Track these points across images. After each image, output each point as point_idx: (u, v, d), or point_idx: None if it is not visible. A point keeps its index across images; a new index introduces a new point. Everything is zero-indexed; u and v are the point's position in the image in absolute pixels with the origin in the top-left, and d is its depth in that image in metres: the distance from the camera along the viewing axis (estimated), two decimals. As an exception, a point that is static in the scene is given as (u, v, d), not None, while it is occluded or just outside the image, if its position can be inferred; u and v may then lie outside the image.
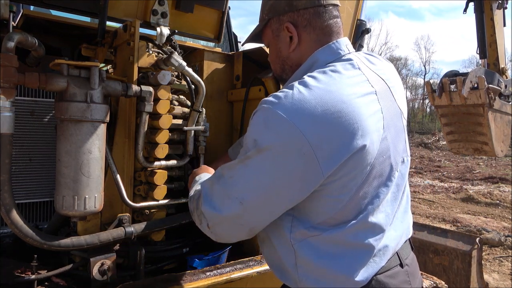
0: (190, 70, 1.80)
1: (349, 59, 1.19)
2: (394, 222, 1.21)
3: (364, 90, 1.11)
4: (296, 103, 1.02)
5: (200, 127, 1.94)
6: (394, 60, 47.10)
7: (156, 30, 1.83)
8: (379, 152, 1.09)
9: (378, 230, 1.13)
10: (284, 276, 1.20)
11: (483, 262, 4.25)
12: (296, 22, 1.23)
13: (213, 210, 1.13)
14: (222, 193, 1.12)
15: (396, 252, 1.21)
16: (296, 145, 1.00)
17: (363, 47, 2.66)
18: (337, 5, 1.26)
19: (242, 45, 1.61)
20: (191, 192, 1.34)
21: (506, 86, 3.72)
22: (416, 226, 3.93)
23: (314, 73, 1.11)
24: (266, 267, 1.91)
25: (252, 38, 1.42)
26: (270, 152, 1.03)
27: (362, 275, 1.10)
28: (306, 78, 1.09)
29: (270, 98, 1.07)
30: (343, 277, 1.09)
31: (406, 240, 1.28)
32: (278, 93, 1.07)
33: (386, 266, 1.15)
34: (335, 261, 1.10)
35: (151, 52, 1.81)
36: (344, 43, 1.23)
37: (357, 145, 1.02)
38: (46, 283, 1.57)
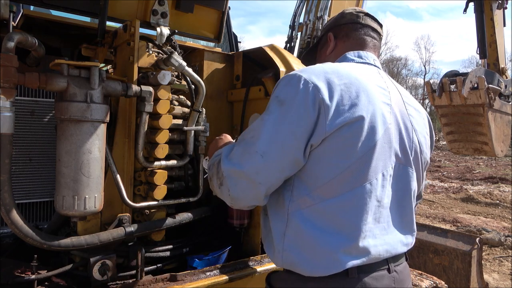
0: (190, 70, 1.80)
1: (371, 64, 1.41)
2: (390, 229, 1.25)
3: (378, 83, 1.29)
4: (317, 70, 1.23)
5: (200, 127, 1.94)
6: (394, 60, 47.11)
7: (156, 30, 1.83)
8: (383, 136, 1.19)
9: (371, 217, 1.19)
10: (269, 246, 1.27)
11: (483, 262, 4.25)
12: (337, 34, 1.52)
13: (234, 166, 1.21)
14: (242, 151, 1.22)
15: (386, 259, 1.23)
16: (312, 99, 1.15)
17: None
18: (376, 30, 1.50)
19: (303, 59, 1.92)
20: (211, 160, 1.38)
21: (506, 86, 3.73)
22: (416, 226, 3.92)
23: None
24: (266, 267, 1.92)
25: (309, 53, 1.72)
26: (287, 104, 1.18)
27: (343, 258, 1.14)
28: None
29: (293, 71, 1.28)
30: (325, 252, 1.14)
31: (402, 252, 1.31)
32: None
33: (371, 267, 1.19)
34: (322, 235, 1.15)
35: (151, 52, 1.81)
36: (372, 57, 1.44)
37: (361, 113, 1.15)
38: (46, 283, 1.57)
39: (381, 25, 1.53)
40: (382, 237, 1.22)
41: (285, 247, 1.20)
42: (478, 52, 3.85)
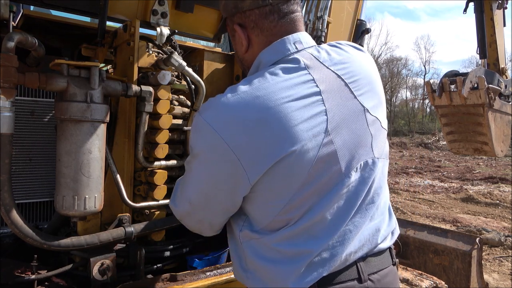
0: (190, 70, 1.80)
1: (294, 59, 1.11)
2: (353, 231, 1.11)
3: (304, 92, 1.05)
4: (221, 111, 1.04)
5: (200, 127, 1.94)
6: (394, 60, 47.12)
7: (156, 30, 1.83)
8: (319, 158, 1.04)
9: (319, 237, 1.08)
10: (237, 273, 1.22)
11: (483, 262, 4.25)
12: (244, 23, 1.17)
13: (175, 206, 1.23)
14: (180, 194, 1.21)
15: (356, 264, 1.11)
16: (220, 152, 1.02)
17: (363, 46, 2.66)
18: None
19: (212, 41, 1.65)
20: None
21: (506, 86, 3.72)
22: (416, 226, 3.93)
23: (251, 76, 1.09)
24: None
25: (217, 34, 1.47)
26: (201, 158, 1.08)
27: (299, 281, 1.06)
28: (241, 82, 1.09)
29: (203, 105, 1.11)
30: (280, 281, 1.08)
31: (375, 252, 1.17)
32: (210, 99, 1.09)
33: (339, 278, 1.08)
34: (273, 265, 1.09)
35: (151, 52, 1.81)
36: (291, 41, 1.15)
37: (283, 152, 1.00)
38: (46, 283, 1.57)
39: None
40: (343, 245, 1.09)
41: (248, 275, 1.16)
42: (478, 52, 3.84)
